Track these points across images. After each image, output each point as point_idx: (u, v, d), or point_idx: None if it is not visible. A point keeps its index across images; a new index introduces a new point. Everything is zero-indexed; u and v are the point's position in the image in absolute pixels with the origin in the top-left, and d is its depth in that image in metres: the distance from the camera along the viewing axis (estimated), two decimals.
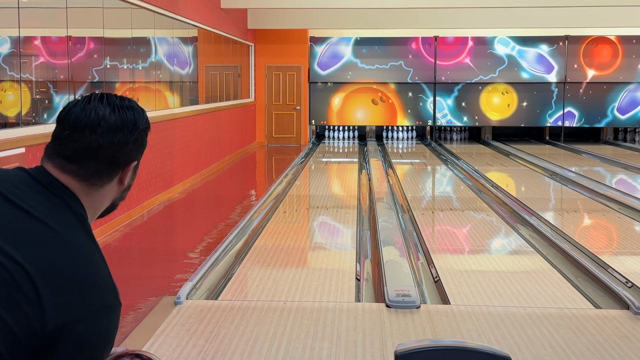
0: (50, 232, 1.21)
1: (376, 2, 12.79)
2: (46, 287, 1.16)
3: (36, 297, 1.16)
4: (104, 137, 1.28)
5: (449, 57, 16.24)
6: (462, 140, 17.12)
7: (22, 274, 1.16)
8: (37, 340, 1.16)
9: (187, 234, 7.34)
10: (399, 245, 6.13)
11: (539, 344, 3.87)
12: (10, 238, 1.18)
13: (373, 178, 10.33)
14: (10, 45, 5.45)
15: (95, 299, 1.20)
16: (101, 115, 1.28)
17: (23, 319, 1.15)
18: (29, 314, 1.15)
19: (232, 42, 13.37)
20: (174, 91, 9.79)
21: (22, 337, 1.15)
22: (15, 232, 1.19)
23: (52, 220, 1.22)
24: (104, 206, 1.37)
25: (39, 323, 1.16)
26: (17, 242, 1.18)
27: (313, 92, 16.35)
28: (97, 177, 1.30)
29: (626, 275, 5.20)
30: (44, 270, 1.17)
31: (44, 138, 5.48)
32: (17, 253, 1.17)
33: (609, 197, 8.65)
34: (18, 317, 1.15)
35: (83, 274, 1.20)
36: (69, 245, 1.21)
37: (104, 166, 1.30)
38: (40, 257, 1.18)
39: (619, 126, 16.61)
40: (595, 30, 15.94)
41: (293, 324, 4.15)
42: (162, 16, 8.88)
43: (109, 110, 1.29)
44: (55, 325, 1.16)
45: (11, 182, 1.26)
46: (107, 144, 1.28)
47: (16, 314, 1.15)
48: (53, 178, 1.27)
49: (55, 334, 1.16)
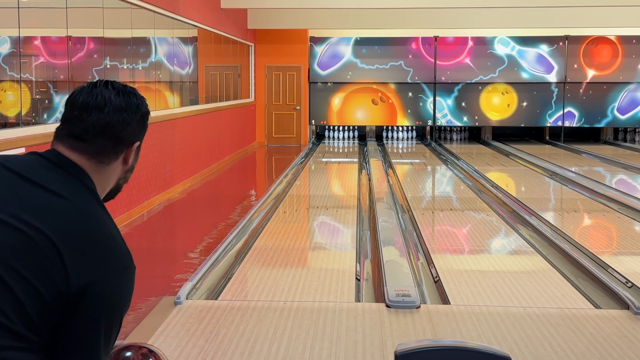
0: (65, 203, 1.33)
1: (376, 2, 12.79)
2: (68, 252, 1.28)
3: (60, 261, 1.27)
4: (110, 116, 1.42)
5: (449, 57, 16.24)
6: (462, 140, 17.12)
7: (46, 241, 1.27)
8: (63, 301, 1.27)
9: (187, 234, 7.34)
10: (399, 245, 6.13)
11: (539, 344, 3.87)
12: (31, 210, 1.29)
13: (373, 178, 10.33)
14: (10, 45, 5.45)
15: (113, 261, 1.33)
16: (107, 97, 1.43)
17: (50, 282, 1.26)
18: (54, 278, 1.26)
19: (232, 42, 13.37)
20: (174, 91, 9.79)
21: (49, 300, 1.26)
22: (34, 204, 1.30)
23: (66, 192, 1.34)
24: (111, 184, 1.47)
25: (64, 285, 1.27)
26: (37, 213, 1.29)
27: (313, 92, 16.35)
28: (104, 154, 1.42)
29: (626, 275, 5.20)
30: (65, 236, 1.29)
31: (44, 138, 5.48)
32: (39, 222, 1.28)
33: (609, 197, 8.65)
34: (45, 281, 1.26)
35: (100, 239, 1.33)
36: (84, 214, 1.33)
37: (110, 143, 1.43)
38: (59, 224, 1.29)
39: (619, 126, 16.61)
40: (595, 30, 15.94)
41: (293, 324, 4.15)
42: (162, 16, 8.88)
43: (114, 94, 1.44)
44: (79, 287, 1.28)
45: (26, 163, 1.37)
46: (113, 122, 1.42)
47: (43, 278, 1.26)
48: (64, 157, 1.39)
49: (79, 294, 1.28)
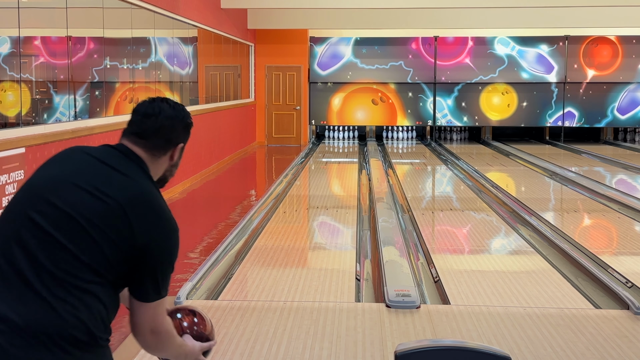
0: (131, 181, 1.81)
1: (376, 2, 12.79)
2: (133, 215, 1.75)
3: (128, 222, 1.74)
4: (163, 121, 1.91)
5: (449, 57, 16.24)
6: (462, 140, 17.12)
7: (119, 207, 1.74)
8: (131, 251, 1.74)
9: (187, 234, 7.34)
10: (399, 245, 6.13)
11: (539, 344, 3.87)
12: (107, 184, 1.77)
13: (373, 178, 10.33)
14: (10, 45, 5.45)
15: (164, 224, 1.81)
16: (162, 108, 1.92)
17: (122, 237, 1.73)
18: (125, 234, 1.74)
19: (232, 42, 13.37)
20: (174, 91, 9.79)
21: (122, 249, 1.73)
22: (109, 180, 1.78)
23: (130, 173, 1.83)
24: (159, 173, 1.95)
25: (132, 240, 1.74)
26: (111, 187, 1.77)
27: (313, 92, 16.35)
28: (156, 149, 1.91)
29: (626, 275, 5.20)
30: (130, 204, 1.75)
31: (44, 138, 5.48)
32: (113, 194, 1.75)
33: (609, 197, 8.65)
34: (119, 236, 1.73)
35: (155, 207, 1.81)
36: (144, 189, 1.82)
37: (162, 142, 1.92)
38: (127, 195, 1.76)
39: (619, 126, 16.61)
40: (595, 30, 15.94)
41: (293, 324, 4.15)
42: (162, 16, 8.88)
43: (167, 107, 1.93)
44: (142, 242, 1.75)
45: (102, 151, 1.86)
46: (164, 126, 1.91)
47: (118, 234, 1.73)
48: (129, 149, 1.89)
49: (143, 248, 1.75)
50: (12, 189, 4.95)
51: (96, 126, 6.58)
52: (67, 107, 6.34)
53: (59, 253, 1.69)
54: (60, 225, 1.70)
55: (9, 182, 4.91)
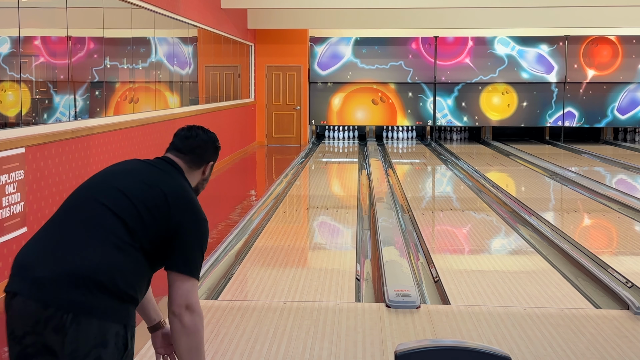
0: (172, 179, 2.37)
1: (376, 2, 12.79)
2: (172, 202, 2.27)
3: (167, 206, 2.25)
4: (198, 142, 2.49)
5: (449, 57, 16.24)
6: (462, 140, 17.13)
7: (162, 195, 2.27)
8: (166, 230, 2.24)
9: None
10: (399, 245, 6.13)
11: (539, 344, 3.87)
12: (156, 180, 2.32)
13: (373, 178, 10.33)
14: (10, 45, 5.46)
15: (195, 212, 2.32)
16: (198, 133, 2.51)
17: (161, 216, 2.24)
18: (164, 214, 2.24)
19: (232, 42, 13.37)
20: (174, 91, 9.79)
21: (160, 227, 2.24)
22: (158, 177, 2.34)
23: (172, 174, 2.39)
24: (193, 184, 2.48)
25: (168, 220, 2.24)
26: (159, 182, 2.31)
27: (313, 92, 16.35)
28: (193, 163, 2.47)
29: (626, 275, 5.20)
30: (171, 194, 2.29)
31: (44, 138, 5.48)
32: (159, 185, 2.30)
33: (609, 197, 8.66)
34: (160, 215, 2.24)
35: (188, 198, 2.33)
36: (182, 185, 2.37)
37: (197, 158, 2.47)
38: (169, 188, 2.30)
39: (619, 126, 16.61)
40: (595, 30, 15.94)
41: (293, 324, 4.15)
42: (162, 16, 8.88)
43: (201, 132, 2.52)
44: (175, 222, 2.25)
45: (153, 160, 2.44)
46: (200, 146, 2.49)
47: (160, 214, 2.24)
48: (172, 160, 2.45)
49: (176, 227, 2.25)
50: (12, 189, 4.95)
51: (96, 126, 6.58)
52: (67, 107, 6.34)
53: (113, 219, 2.20)
54: (117, 203, 2.23)
55: (9, 182, 4.92)
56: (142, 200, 2.25)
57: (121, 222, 2.20)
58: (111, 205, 2.23)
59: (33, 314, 2.07)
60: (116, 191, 2.27)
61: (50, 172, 5.59)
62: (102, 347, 2.09)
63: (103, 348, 2.09)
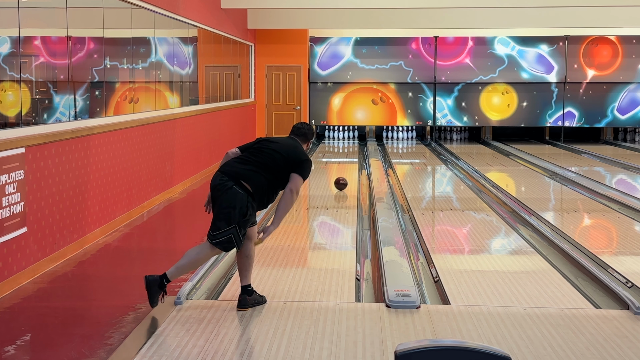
0: (298, 145, 4.60)
1: (376, 2, 12.79)
2: (293, 153, 4.46)
3: (292, 155, 4.45)
4: (304, 129, 4.75)
5: (449, 57, 16.24)
6: (462, 140, 17.13)
7: (290, 149, 4.50)
8: (290, 164, 4.42)
9: (187, 234, 7.34)
10: (399, 245, 6.13)
11: (539, 344, 3.87)
12: (287, 145, 4.52)
13: (373, 178, 10.33)
14: (10, 45, 5.45)
15: (303, 157, 4.48)
16: (303, 124, 4.79)
17: (287, 158, 4.43)
18: (289, 158, 4.43)
19: (232, 42, 13.37)
20: (174, 91, 9.79)
21: (288, 163, 4.42)
22: (288, 144, 4.54)
23: (297, 144, 4.61)
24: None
25: (290, 160, 4.43)
26: (288, 146, 4.51)
27: (313, 92, 16.35)
28: (302, 140, 4.68)
29: (626, 275, 5.20)
30: (293, 150, 4.50)
31: (44, 138, 5.48)
32: (288, 147, 4.51)
33: (609, 197, 8.66)
34: (288, 157, 4.43)
35: (301, 152, 4.53)
36: (301, 147, 4.59)
37: (303, 138, 4.72)
38: (293, 148, 4.52)
39: (619, 126, 16.61)
40: (595, 30, 15.94)
41: (293, 324, 4.15)
42: (162, 16, 8.88)
43: (305, 124, 4.79)
44: (294, 160, 4.44)
45: (286, 138, 4.68)
46: (304, 131, 4.73)
47: (288, 156, 4.44)
48: (294, 138, 4.68)
49: (294, 163, 4.42)
50: (12, 189, 4.95)
51: (96, 126, 6.58)
52: (67, 107, 6.34)
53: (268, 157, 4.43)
54: (263, 152, 4.44)
55: (9, 182, 4.92)
56: (280, 152, 4.44)
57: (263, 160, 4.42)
58: (259, 155, 4.48)
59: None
60: (267, 149, 4.48)
61: (50, 172, 5.59)
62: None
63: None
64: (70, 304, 4.92)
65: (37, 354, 3.93)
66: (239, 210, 4.25)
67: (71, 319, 4.54)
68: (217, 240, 4.27)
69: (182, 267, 4.33)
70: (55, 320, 4.49)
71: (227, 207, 4.25)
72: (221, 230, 4.26)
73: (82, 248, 6.15)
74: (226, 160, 4.47)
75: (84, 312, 4.72)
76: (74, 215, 6.05)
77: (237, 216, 4.25)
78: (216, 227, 4.28)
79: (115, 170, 7.02)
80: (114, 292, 5.19)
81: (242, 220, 4.27)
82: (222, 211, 4.27)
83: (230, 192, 4.25)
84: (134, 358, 3.61)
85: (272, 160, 4.37)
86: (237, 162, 4.40)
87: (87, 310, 4.78)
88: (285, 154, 4.39)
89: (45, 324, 4.43)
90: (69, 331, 4.25)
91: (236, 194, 4.25)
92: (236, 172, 4.31)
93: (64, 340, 4.08)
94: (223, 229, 4.25)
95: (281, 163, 4.37)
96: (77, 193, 6.10)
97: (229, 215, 4.24)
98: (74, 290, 5.25)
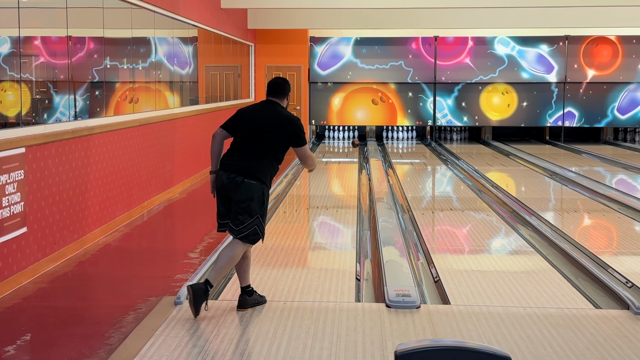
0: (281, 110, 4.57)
1: (376, 2, 12.79)
2: (285, 122, 4.47)
3: (284, 125, 4.46)
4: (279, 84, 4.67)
5: (449, 57, 16.24)
6: (462, 140, 17.13)
7: (279, 120, 4.49)
8: (286, 137, 4.44)
9: (187, 234, 7.34)
10: (399, 245, 6.13)
11: (539, 344, 3.87)
12: (270, 114, 4.51)
13: (373, 178, 10.33)
14: (10, 45, 5.45)
15: (289, 123, 4.46)
16: (277, 80, 4.69)
17: (280, 132, 4.43)
18: (283, 131, 4.44)
19: (232, 42, 13.37)
20: (174, 91, 9.79)
21: (284, 138, 4.44)
22: (270, 112, 4.54)
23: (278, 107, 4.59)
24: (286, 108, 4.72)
25: (284, 131, 4.44)
26: (272, 115, 4.50)
27: (313, 92, 16.35)
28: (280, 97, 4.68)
29: (626, 275, 5.20)
30: (285, 119, 4.50)
31: (44, 138, 5.48)
32: (274, 116, 4.49)
33: (609, 197, 8.66)
34: (280, 132, 4.42)
35: (290, 116, 4.51)
36: (286, 113, 4.56)
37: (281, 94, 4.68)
38: (280, 116, 4.51)
39: (619, 126, 16.61)
40: (595, 30, 15.94)
41: (293, 324, 4.15)
42: (162, 16, 8.88)
43: (280, 79, 4.73)
44: (288, 130, 4.43)
45: (263, 103, 4.63)
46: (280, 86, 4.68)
47: (281, 131, 4.43)
48: (272, 100, 4.62)
49: (289, 133, 4.44)
50: (12, 189, 4.95)
51: (96, 126, 6.58)
52: (67, 107, 6.34)
53: (261, 141, 4.41)
54: (253, 137, 4.41)
55: (9, 182, 4.92)
56: (267, 128, 4.43)
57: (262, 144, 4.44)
58: (252, 134, 4.48)
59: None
60: (255, 128, 4.47)
61: (50, 172, 5.59)
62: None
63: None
64: (70, 304, 4.91)
65: (37, 354, 3.93)
66: (257, 200, 4.29)
67: (71, 319, 4.54)
68: (243, 234, 4.29)
69: (220, 268, 4.30)
70: (55, 320, 4.49)
71: (245, 199, 4.28)
72: (245, 224, 4.28)
73: (82, 248, 6.15)
74: (216, 146, 4.49)
75: (84, 312, 4.72)
76: (74, 215, 6.05)
77: (257, 206, 4.30)
78: (239, 222, 4.28)
79: (116, 170, 7.02)
80: (114, 292, 5.19)
81: (262, 209, 4.33)
82: (240, 205, 4.29)
83: (244, 186, 4.28)
84: (134, 358, 3.61)
85: (263, 143, 4.38)
86: (233, 157, 4.40)
87: (87, 310, 4.78)
88: (273, 131, 4.38)
89: (45, 324, 4.43)
90: (69, 331, 4.25)
91: (250, 185, 4.28)
92: (240, 166, 4.33)
93: (64, 340, 4.08)
94: (247, 222, 4.28)
95: (273, 140, 4.40)
96: (77, 193, 6.10)
97: (249, 207, 4.28)
98: (74, 290, 5.25)
